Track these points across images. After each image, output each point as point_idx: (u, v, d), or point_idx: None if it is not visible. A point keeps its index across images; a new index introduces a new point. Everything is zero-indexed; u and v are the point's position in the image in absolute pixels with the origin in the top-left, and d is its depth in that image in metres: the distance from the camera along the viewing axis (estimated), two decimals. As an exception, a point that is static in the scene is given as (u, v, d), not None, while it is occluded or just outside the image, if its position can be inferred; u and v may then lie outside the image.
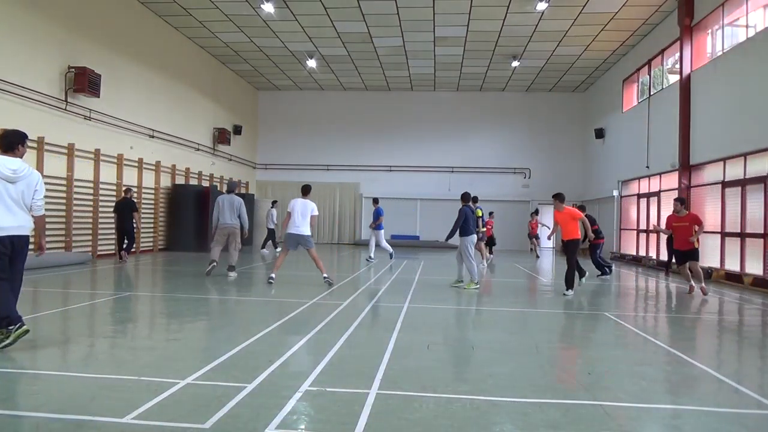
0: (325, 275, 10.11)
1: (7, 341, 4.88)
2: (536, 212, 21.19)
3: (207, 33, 18.91)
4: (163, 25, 17.84)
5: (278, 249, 18.84)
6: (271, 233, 19.21)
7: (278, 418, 3.40)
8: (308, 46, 19.98)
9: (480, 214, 14.22)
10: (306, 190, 10.78)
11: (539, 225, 20.72)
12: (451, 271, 13.96)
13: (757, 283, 11.42)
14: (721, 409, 3.87)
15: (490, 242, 17.75)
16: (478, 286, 10.31)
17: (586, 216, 11.28)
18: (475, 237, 11.02)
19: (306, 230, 10.20)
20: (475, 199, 12.59)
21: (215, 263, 11.00)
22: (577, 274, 10.51)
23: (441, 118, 26.25)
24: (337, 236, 26.72)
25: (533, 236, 20.67)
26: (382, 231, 15.93)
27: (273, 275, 10.23)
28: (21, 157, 5.27)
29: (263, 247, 19.47)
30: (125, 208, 13.87)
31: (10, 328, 4.91)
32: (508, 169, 26.22)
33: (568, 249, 10.07)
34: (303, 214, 10.25)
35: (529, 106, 26.03)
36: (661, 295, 10.78)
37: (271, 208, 19.67)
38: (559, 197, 10.50)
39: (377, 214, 15.86)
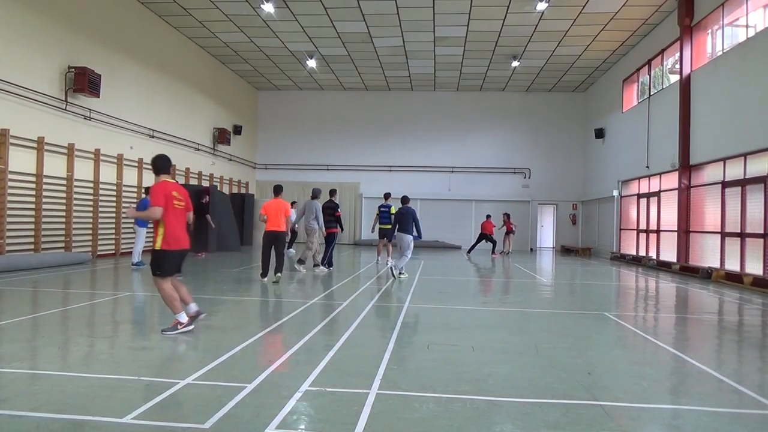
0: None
1: None
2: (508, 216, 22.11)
3: (207, 33, 18.91)
4: (163, 25, 17.84)
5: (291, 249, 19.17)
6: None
7: (278, 418, 3.40)
8: (308, 46, 19.98)
9: (393, 211, 14.24)
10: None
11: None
12: (451, 272, 13.97)
13: (757, 283, 11.41)
14: (721, 409, 3.86)
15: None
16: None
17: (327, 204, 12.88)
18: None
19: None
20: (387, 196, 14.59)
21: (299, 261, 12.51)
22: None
23: (441, 118, 26.26)
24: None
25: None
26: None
27: None
28: None
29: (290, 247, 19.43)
30: (198, 211, 15.66)
31: None
32: (508, 169, 26.23)
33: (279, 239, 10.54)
34: None
35: (529, 106, 26.04)
36: (661, 295, 10.78)
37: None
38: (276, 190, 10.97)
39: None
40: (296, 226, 13.00)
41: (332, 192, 13.89)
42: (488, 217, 21.50)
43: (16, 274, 10.55)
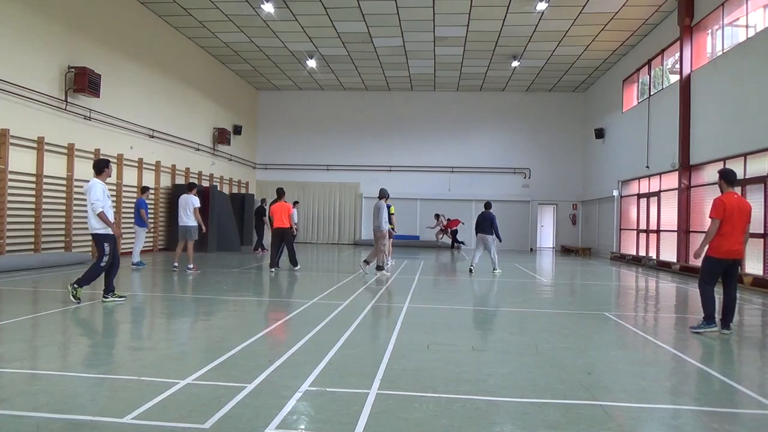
0: (190, 266, 11.66)
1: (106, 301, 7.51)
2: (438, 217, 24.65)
3: (207, 33, 18.91)
4: (163, 25, 17.84)
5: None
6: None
7: (278, 418, 3.40)
8: (308, 46, 19.98)
9: (393, 211, 14.51)
10: (191, 187, 12.35)
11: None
12: (451, 272, 13.97)
13: (757, 283, 11.41)
14: (721, 409, 3.87)
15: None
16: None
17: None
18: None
19: (191, 222, 11.81)
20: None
21: (365, 261, 12.63)
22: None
23: (441, 118, 26.26)
24: (338, 236, 26.73)
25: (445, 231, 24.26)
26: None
27: (176, 264, 11.97)
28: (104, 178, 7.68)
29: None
30: (255, 214, 19.01)
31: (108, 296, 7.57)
32: (508, 169, 26.23)
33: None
34: (185, 209, 11.83)
35: (529, 106, 26.04)
36: (661, 295, 10.78)
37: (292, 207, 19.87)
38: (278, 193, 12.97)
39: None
40: (296, 227, 13.18)
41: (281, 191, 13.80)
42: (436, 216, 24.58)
43: (16, 274, 10.55)
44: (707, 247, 6.54)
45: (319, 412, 3.58)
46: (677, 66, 16.05)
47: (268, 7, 16.07)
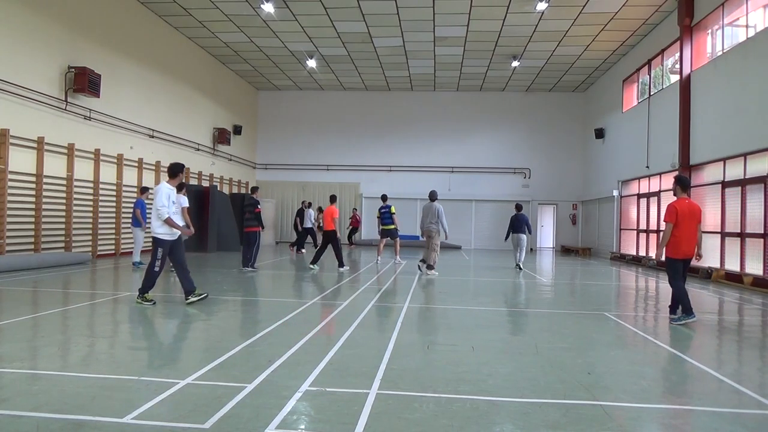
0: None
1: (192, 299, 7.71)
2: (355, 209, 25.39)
3: (207, 33, 18.91)
4: (163, 25, 17.84)
5: (302, 249, 19.76)
6: (309, 232, 19.54)
7: (278, 418, 3.40)
8: (308, 46, 19.98)
9: (394, 211, 14.99)
10: (179, 188, 12.00)
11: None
12: (451, 272, 13.97)
13: (757, 283, 11.42)
14: (721, 409, 3.86)
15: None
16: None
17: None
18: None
19: (179, 222, 11.67)
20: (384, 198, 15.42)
21: (422, 261, 12.99)
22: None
23: (441, 118, 26.26)
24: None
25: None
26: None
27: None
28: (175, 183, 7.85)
29: (302, 246, 20.04)
30: (296, 215, 19.88)
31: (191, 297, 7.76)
32: (508, 169, 26.23)
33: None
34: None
35: (529, 106, 26.04)
36: (661, 295, 10.77)
37: (308, 208, 19.87)
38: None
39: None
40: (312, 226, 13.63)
41: (254, 189, 13.42)
42: (355, 210, 25.23)
43: (16, 274, 10.55)
44: (664, 249, 7.29)
45: (319, 412, 3.58)
46: (677, 66, 16.05)
47: (268, 7, 16.07)
